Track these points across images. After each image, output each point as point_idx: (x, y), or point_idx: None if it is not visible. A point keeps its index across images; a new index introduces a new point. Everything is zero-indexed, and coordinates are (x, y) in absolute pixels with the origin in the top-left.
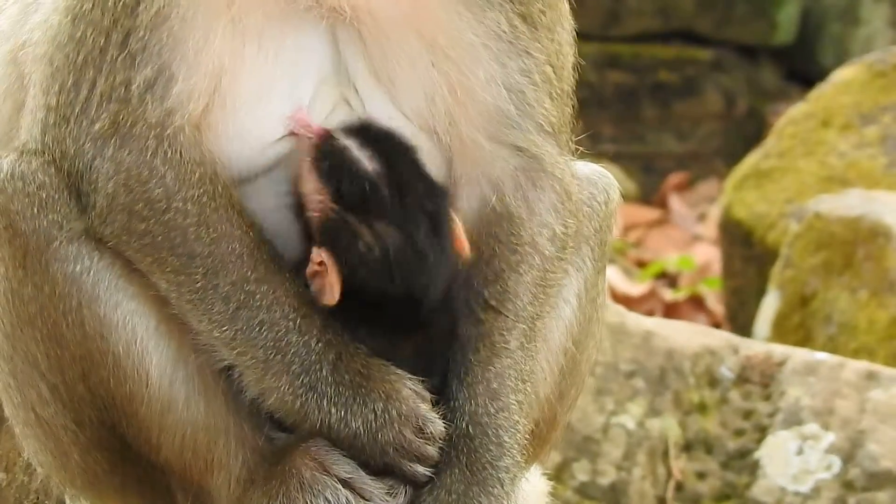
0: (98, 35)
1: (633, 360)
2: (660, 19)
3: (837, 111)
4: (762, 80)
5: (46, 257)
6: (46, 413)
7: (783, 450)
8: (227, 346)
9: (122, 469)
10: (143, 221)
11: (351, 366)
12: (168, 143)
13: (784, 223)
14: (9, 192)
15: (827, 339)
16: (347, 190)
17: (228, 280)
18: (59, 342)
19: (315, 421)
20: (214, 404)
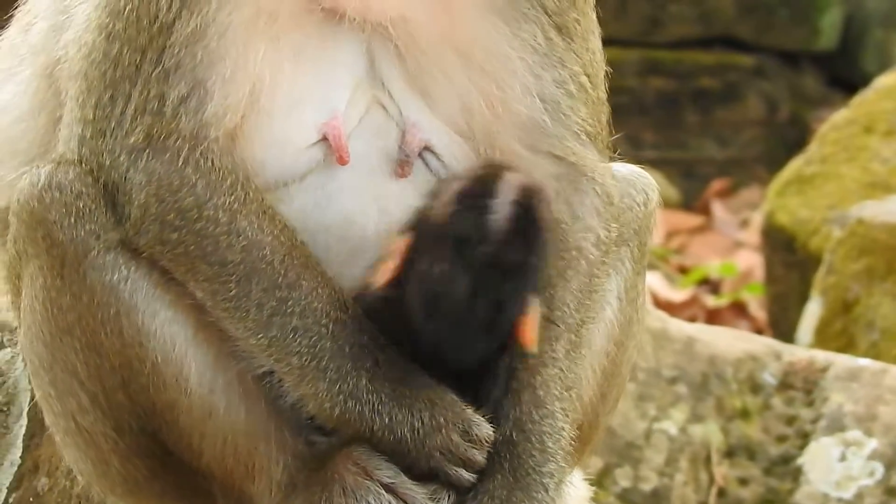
0: (133, 52)
1: (676, 366)
2: (701, 25)
3: (880, 117)
4: (804, 87)
5: (84, 267)
6: (86, 421)
7: (826, 456)
8: (264, 353)
9: (162, 475)
10: (175, 231)
11: (390, 374)
12: (200, 152)
13: (827, 229)
14: (46, 202)
15: (869, 345)
16: (471, 228)
17: (261, 287)
18: (97, 351)
19: (358, 428)
20: (255, 410)
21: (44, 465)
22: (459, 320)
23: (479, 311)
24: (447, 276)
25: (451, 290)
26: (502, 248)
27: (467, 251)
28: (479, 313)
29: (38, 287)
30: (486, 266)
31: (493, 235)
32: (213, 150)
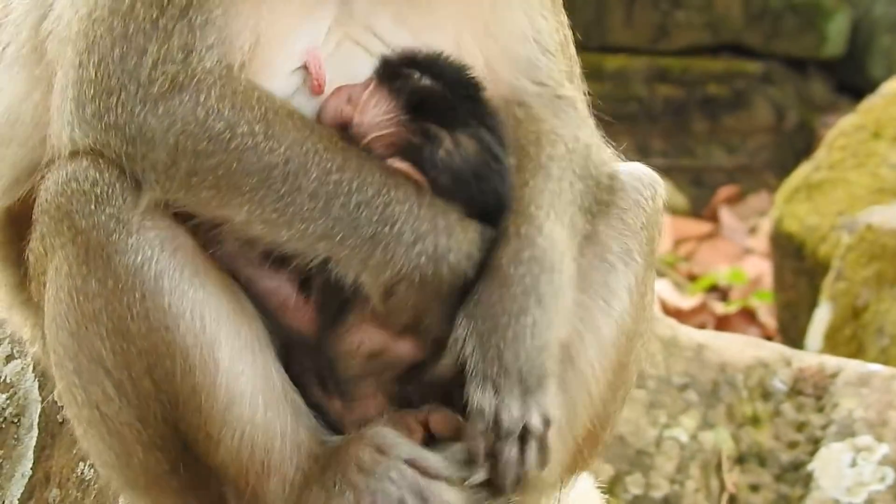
0: (149, 8)
1: (686, 373)
2: (709, 33)
3: (888, 122)
4: (812, 93)
5: (108, 251)
6: (111, 410)
7: (836, 462)
8: (326, 238)
9: (180, 472)
10: (210, 157)
11: (463, 231)
12: (221, 84)
13: (835, 235)
14: (68, 194)
15: (879, 350)
16: (422, 102)
17: (311, 178)
18: (124, 336)
19: (433, 291)
20: (274, 405)
21: (55, 477)
22: (492, 162)
23: (495, 147)
24: (458, 142)
25: (470, 148)
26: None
27: (446, 116)
28: (496, 147)
29: (64, 276)
30: (466, 109)
31: (444, 88)
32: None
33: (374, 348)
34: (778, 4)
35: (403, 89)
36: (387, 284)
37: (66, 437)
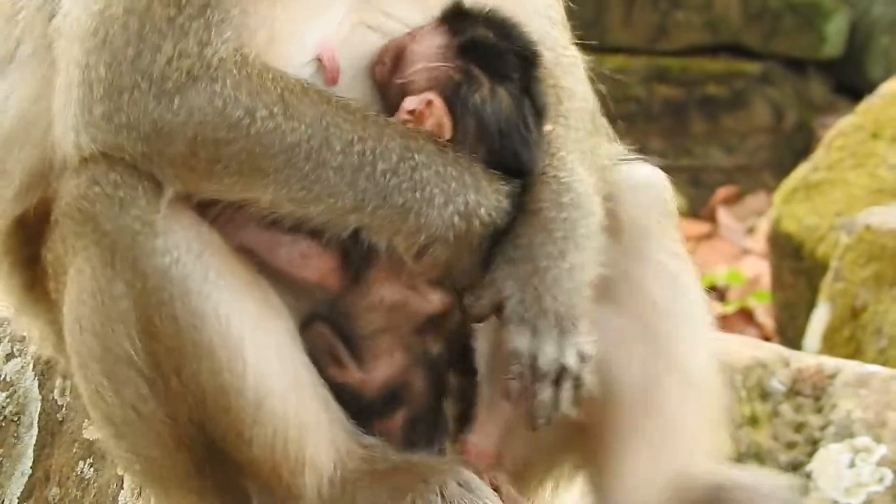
0: (166, 7)
1: None
2: (707, 33)
3: (887, 123)
4: (810, 93)
5: (134, 253)
6: (146, 409)
7: (835, 462)
8: (357, 210)
9: (205, 470)
10: (231, 144)
11: (491, 185)
12: (234, 71)
13: (834, 236)
14: (90, 197)
15: (878, 351)
16: (474, 46)
17: (335, 151)
18: (153, 336)
19: (467, 246)
20: (305, 401)
21: (55, 475)
22: (521, 124)
23: (528, 112)
24: (496, 93)
25: (505, 103)
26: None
27: (494, 67)
28: (528, 113)
29: (87, 278)
30: (515, 67)
31: (501, 40)
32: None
33: (395, 301)
34: (777, 5)
35: (461, 31)
36: (420, 245)
37: (65, 436)
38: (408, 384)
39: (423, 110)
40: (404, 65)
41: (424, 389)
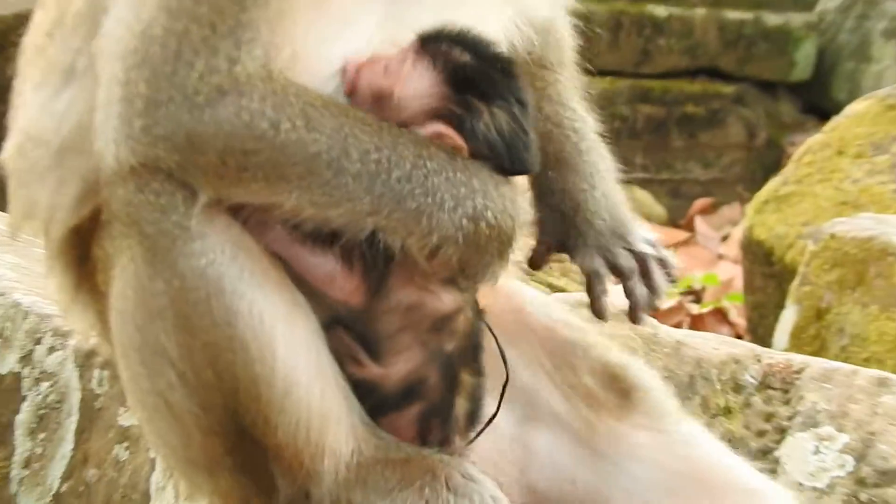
0: (201, 27)
1: (665, 368)
2: (687, 57)
3: (851, 141)
4: (781, 113)
5: (174, 255)
6: (174, 398)
7: (801, 449)
8: (374, 214)
9: (234, 454)
10: (258, 154)
11: (497, 188)
12: (260, 86)
13: (801, 243)
14: (136, 204)
15: (840, 349)
16: (465, 77)
17: (353, 160)
18: (188, 331)
19: (478, 245)
20: (328, 393)
21: (93, 458)
22: (522, 134)
23: (524, 120)
24: (494, 115)
25: (505, 120)
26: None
27: (485, 90)
28: (525, 121)
29: (130, 275)
30: (502, 84)
31: (483, 64)
32: (270, 79)
33: (412, 302)
34: (750, 32)
35: (446, 64)
36: (432, 246)
37: (102, 422)
38: (425, 379)
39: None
40: (393, 109)
41: (439, 384)
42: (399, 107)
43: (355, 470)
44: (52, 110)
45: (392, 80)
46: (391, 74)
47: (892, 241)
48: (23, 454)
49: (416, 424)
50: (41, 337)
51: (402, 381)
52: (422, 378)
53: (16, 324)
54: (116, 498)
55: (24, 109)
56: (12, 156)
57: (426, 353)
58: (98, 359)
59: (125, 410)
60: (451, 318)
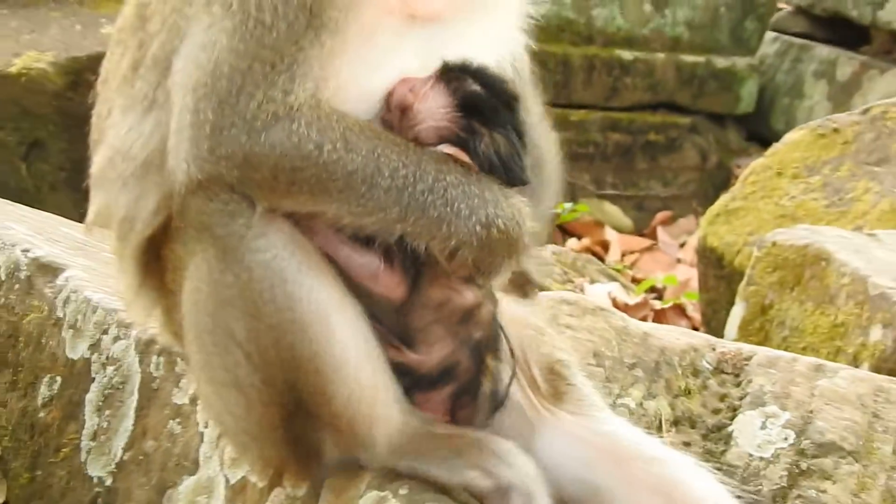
0: (262, 64)
1: (634, 355)
2: (649, 93)
3: (789, 164)
4: (729, 141)
5: (242, 251)
6: (241, 374)
7: (750, 425)
8: (401, 221)
9: (288, 424)
10: (304, 171)
11: (506, 199)
12: (310, 114)
13: (748, 250)
14: (208, 212)
15: (781, 339)
16: (472, 104)
17: (384, 176)
18: (255, 316)
19: (490, 248)
20: (375, 367)
21: (150, 431)
22: (516, 156)
23: (519, 145)
24: (494, 138)
25: (502, 144)
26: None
27: (488, 117)
28: (519, 145)
29: (204, 272)
30: (503, 112)
31: (489, 94)
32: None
33: (441, 299)
34: (702, 72)
35: (458, 91)
36: (451, 249)
37: (159, 401)
38: (457, 363)
39: None
40: (412, 120)
41: (469, 367)
42: (416, 119)
43: (407, 440)
44: (138, 131)
45: (414, 97)
46: (415, 92)
47: (825, 248)
48: (91, 428)
49: (448, 402)
50: (108, 328)
51: (437, 366)
52: (454, 362)
53: (86, 317)
54: (171, 465)
55: (115, 129)
56: (102, 167)
57: (457, 341)
58: (156, 346)
59: (178, 391)
60: (474, 310)
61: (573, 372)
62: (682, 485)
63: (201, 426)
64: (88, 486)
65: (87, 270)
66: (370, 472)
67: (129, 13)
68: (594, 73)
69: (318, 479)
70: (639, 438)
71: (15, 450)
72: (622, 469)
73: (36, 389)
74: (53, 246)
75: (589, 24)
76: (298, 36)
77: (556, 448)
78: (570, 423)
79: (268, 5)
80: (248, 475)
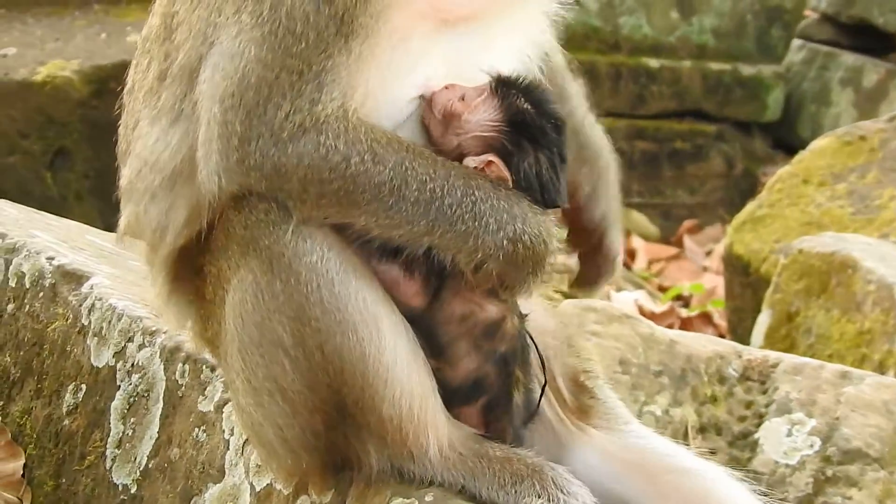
0: (290, 75)
1: (661, 363)
2: (675, 101)
3: (815, 172)
4: (755, 149)
5: (288, 257)
6: (286, 381)
7: (776, 432)
8: (429, 234)
9: (331, 432)
10: (332, 183)
11: (535, 215)
12: (337, 125)
13: (774, 257)
14: (249, 225)
15: (807, 347)
16: (522, 121)
17: (412, 189)
18: (301, 320)
19: (517, 263)
20: (425, 372)
21: (175, 439)
22: (556, 178)
23: (560, 168)
24: (538, 158)
25: (544, 165)
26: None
27: (536, 137)
28: (561, 168)
29: (249, 283)
30: (550, 135)
31: (541, 117)
32: (345, 118)
33: (464, 313)
34: (729, 80)
35: (511, 107)
36: (477, 262)
37: (184, 408)
38: (485, 376)
39: (485, 168)
40: (459, 128)
41: (497, 380)
42: (463, 128)
43: (458, 459)
44: (165, 142)
45: (465, 106)
46: (466, 101)
47: (851, 255)
48: (116, 435)
49: (481, 415)
50: (133, 335)
51: (466, 379)
52: (483, 375)
53: (111, 324)
54: (195, 473)
55: (142, 140)
56: (131, 178)
57: (482, 354)
58: (181, 354)
59: (203, 398)
60: (498, 324)
61: (598, 384)
62: (712, 498)
63: (227, 433)
64: (113, 493)
65: (112, 278)
66: (395, 480)
67: (155, 23)
68: (620, 81)
69: (344, 487)
70: (668, 450)
71: (40, 457)
72: (652, 484)
73: (61, 397)
74: (78, 254)
75: (615, 32)
76: (327, 44)
77: (585, 464)
78: (598, 437)
79: (299, 14)
80: (273, 482)
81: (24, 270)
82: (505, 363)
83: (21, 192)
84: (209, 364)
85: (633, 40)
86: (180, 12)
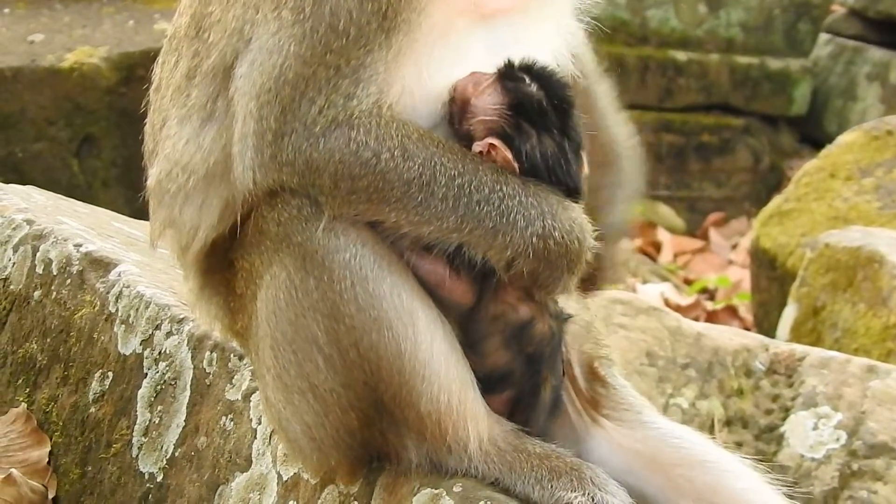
0: (327, 70)
1: (687, 355)
2: (703, 95)
3: (842, 166)
4: (782, 143)
5: (321, 254)
6: (319, 379)
7: (802, 426)
8: (458, 231)
9: (365, 428)
10: (362, 178)
11: (566, 211)
12: (367, 121)
13: (801, 251)
14: (283, 221)
15: (833, 341)
16: (523, 104)
17: (441, 185)
18: (336, 318)
19: (546, 258)
20: (460, 364)
21: (203, 427)
22: (564, 164)
23: (569, 154)
24: (542, 142)
25: (550, 149)
26: (553, 104)
27: (539, 121)
28: (570, 154)
29: (282, 280)
30: (556, 120)
31: (544, 99)
32: (378, 115)
33: (496, 313)
34: (756, 74)
35: (513, 90)
36: (507, 260)
37: (211, 397)
38: (510, 373)
39: (488, 151)
40: (468, 114)
41: (524, 378)
42: (471, 113)
43: (497, 453)
44: (197, 143)
45: (474, 92)
46: (476, 87)
47: (878, 249)
48: (143, 423)
49: (505, 407)
50: (160, 323)
51: (493, 372)
52: (509, 371)
53: (139, 312)
54: (222, 462)
55: (171, 140)
56: (160, 179)
57: (510, 353)
58: (209, 342)
59: (231, 387)
60: (528, 325)
61: (612, 372)
62: (725, 491)
63: (254, 422)
64: (139, 481)
65: (140, 266)
66: (423, 470)
67: (183, 22)
68: (648, 74)
69: (373, 478)
70: (682, 442)
71: (66, 445)
72: (665, 477)
73: (87, 385)
74: (106, 241)
75: (643, 25)
76: (368, 39)
77: (599, 456)
78: (612, 430)
79: (342, 11)
80: (300, 472)
81: (51, 257)
82: (532, 363)
83: (48, 179)
84: (237, 353)
85: (660, 33)
86: (215, 12)
